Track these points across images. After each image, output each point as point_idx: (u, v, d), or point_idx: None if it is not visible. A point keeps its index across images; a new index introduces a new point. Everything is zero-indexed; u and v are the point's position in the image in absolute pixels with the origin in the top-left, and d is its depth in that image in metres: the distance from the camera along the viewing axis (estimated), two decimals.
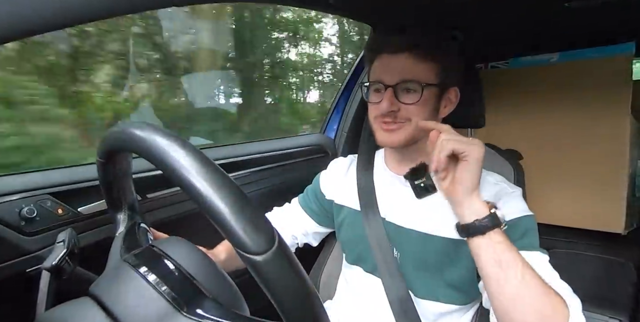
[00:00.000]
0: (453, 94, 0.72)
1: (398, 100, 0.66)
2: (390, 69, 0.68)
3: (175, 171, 0.32)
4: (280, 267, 0.30)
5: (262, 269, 0.30)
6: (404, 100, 0.66)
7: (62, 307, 0.41)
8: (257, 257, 0.30)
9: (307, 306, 0.31)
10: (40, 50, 1.53)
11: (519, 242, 0.61)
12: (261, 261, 0.30)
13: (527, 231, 0.63)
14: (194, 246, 0.46)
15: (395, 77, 0.67)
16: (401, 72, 0.67)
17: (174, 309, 0.38)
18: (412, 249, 0.71)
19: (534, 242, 0.62)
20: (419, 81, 0.66)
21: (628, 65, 1.07)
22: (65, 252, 0.50)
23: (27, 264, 0.66)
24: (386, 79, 0.68)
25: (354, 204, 0.79)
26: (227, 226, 0.30)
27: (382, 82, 0.68)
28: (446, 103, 0.72)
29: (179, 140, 0.34)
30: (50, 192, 0.70)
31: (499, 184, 0.69)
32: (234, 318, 0.38)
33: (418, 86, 0.66)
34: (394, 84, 0.67)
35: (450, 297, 0.70)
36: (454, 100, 0.73)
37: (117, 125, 0.43)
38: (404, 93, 0.67)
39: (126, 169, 0.51)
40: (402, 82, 0.66)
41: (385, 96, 0.67)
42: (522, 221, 0.63)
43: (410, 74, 0.66)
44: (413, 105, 0.66)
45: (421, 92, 0.66)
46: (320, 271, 0.97)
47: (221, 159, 1.00)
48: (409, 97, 0.67)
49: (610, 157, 1.10)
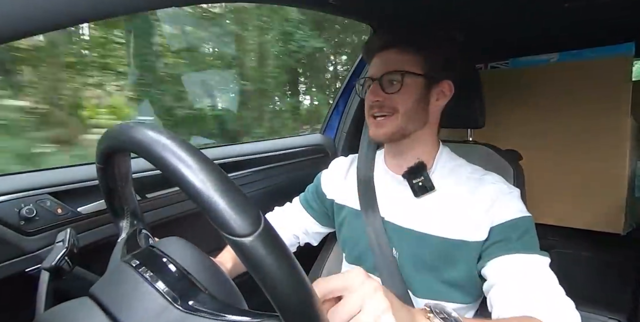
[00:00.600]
0: (446, 88, 0.73)
1: (383, 91, 0.69)
2: (376, 65, 0.72)
3: (160, 159, 0.32)
4: (266, 249, 0.30)
5: (248, 251, 0.29)
6: (388, 91, 0.69)
7: (61, 307, 0.41)
8: (242, 239, 0.29)
9: (295, 287, 0.30)
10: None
11: (516, 244, 0.61)
12: (247, 243, 0.29)
13: (525, 232, 0.63)
14: (191, 244, 0.46)
15: (380, 71, 0.70)
16: (386, 65, 0.70)
17: (168, 303, 0.38)
18: (410, 248, 0.71)
19: (532, 244, 0.62)
20: (399, 71, 0.69)
21: (628, 66, 1.07)
22: (64, 252, 0.50)
23: (26, 263, 0.66)
24: (373, 73, 0.72)
25: (354, 203, 0.79)
26: (211, 208, 0.30)
27: (370, 77, 0.72)
28: (438, 96, 0.73)
29: (166, 132, 0.35)
30: (50, 191, 0.70)
31: (496, 184, 0.69)
32: (226, 310, 0.38)
33: (399, 76, 0.69)
34: (379, 76, 0.70)
35: (450, 297, 0.69)
36: (447, 93, 0.73)
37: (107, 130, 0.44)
38: (389, 85, 0.70)
39: (126, 174, 0.51)
40: (386, 74, 0.70)
41: (372, 89, 0.71)
42: (520, 221, 0.63)
43: (393, 65, 0.70)
44: (396, 94, 0.69)
45: (402, 80, 0.69)
46: (320, 271, 0.97)
47: (221, 159, 1.00)
48: (391, 87, 0.70)
49: (609, 157, 1.10)
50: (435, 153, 0.75)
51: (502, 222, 0.63)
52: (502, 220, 0.63)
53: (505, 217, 0.64)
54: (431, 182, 0.70)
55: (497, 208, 0.64)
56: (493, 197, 0.66)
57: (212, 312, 0.38)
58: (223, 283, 0.44)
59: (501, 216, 0.64)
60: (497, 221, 0.64)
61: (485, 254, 0.63)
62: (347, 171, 0.85)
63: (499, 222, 0.64)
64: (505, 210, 0.64)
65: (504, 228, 0.63)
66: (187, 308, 0.38)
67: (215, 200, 0.30)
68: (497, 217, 0.64)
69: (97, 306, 0.39)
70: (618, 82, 1.08)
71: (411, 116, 0.70)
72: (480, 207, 0.66)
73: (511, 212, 0.64)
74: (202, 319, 0.37)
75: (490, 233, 0.64)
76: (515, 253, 0.60)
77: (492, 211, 0.64)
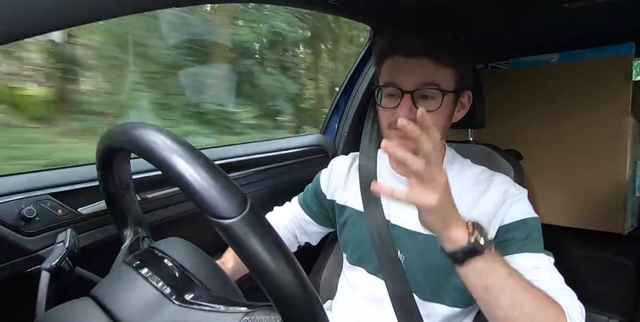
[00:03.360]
0: (466, 98, 0.71)
1: (416, 107, 0.61)
2: (406, 72, 0.63)
3: (148, 149, 0.33)
4: (252, 230, 0.30)
5: (233, 233, 0.29)
6: (425, 108, 0.62)
7: (62, 308, 0.41)
8: (227, 221, 0.29)
9: (282, 267, 0.30)
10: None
11: (523, 244, 0.61)
12: (232, 225, 0.29)
13: (532, 232, 0.62)
14: (189, 242, 0.47)
15: (414, 83, 0.62)
16: (421, 77, 0.62)
17: (164, 298, 0.39)
18: (418, 251, 0.70)
19: (539, 243, 0.62)
20: (439, 87, 0.62)
21: (628, 66, 1.07)
22: (65, 253, 0.50)
23: (27, 264, 0.66)
24: (403, 83, 0.63)
25: (356, 204, 0.78)
26: (196, 192, 0.30)
27: (398, 86, 0.64)
28: (459, 107, 0.71)
29: (155, 126, 0.37)
30: (50, 192, 0.70)
31: (506, 185, 0.68)
32: (221, 302, 0.39)
33: (438, 93, 0.62)
34: (413, 89, 0.62)
35: (456, 300, 0.69)
36: (466, 104, 0.72)
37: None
38: (422, 100, 0.63)
39: (127, 181, 0.51)
40: (421, 89, 0.62)
41: (403, 103, 0.62)
42: (527, 222, 0.63)
43: (430, 79, 0.62)
44: (432, 113, 0.61)
45: (442, 99, 0.62)
46: (320, 271, 0.97)
47: (221, 159, 1.00)
48: (428, 104, 0.62)
49: (610, 157, 1.10)
50: (443, 156, 0.74)
51: (510, 222, 0.63)
52: (511, 220, 0.63)
53: (513, 218, 0.63)
54: None
55: (505, 209, 0.64)
56: (502, 198, 0.65)
57: (207, 304, 0.38)
58: (220, 278, 0.44)
59: (510, 216, 0.64)
60: (506, 221, 0.63)
61: None
62: (349, 171, 0.84)
63: (507, 222, 0.63)
64: (514, 211, 0.64)
65: (511, 228, 0.63)
66: (183, 302, 0.39)
67: (200, 184, 0.30)
68: (505, 217, 0.64)
69: (98, 306, 0.40)
70: (618, 82, 1.07)
71: (441, 134, 0.66)
72: (489, 208, 0.65)
73: (519, 213, 0.64)
74: (197, 312, 0.38)
75: (497, 233, 0.63)
76: (522, 252, 0.60)
77: (501, 211, 0.64)
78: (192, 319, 0.37)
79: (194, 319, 0.37)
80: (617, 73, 1.07)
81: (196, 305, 0.38)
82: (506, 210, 0.64)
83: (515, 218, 0.63)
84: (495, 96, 1.18)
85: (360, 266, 0.78)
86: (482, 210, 0.66)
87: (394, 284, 0.70)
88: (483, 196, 0.67)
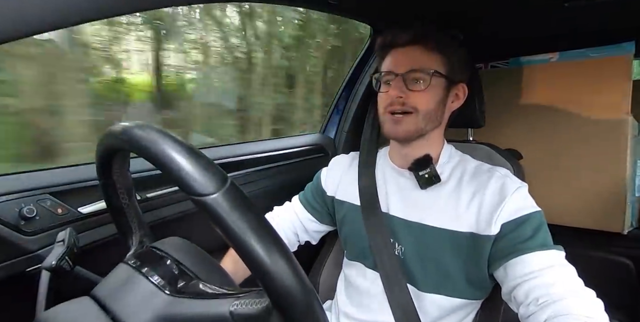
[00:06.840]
0: (461, 91, 0.74)
1: (407, 88, 0.68)
2: (400, 60, 0.71)
3: (132, 139, 0.34)
4: (232, 205, 0.30)
5: (213, 208, 0.29)
6: (412, 88, 0.68)
7: (62, 307, 0.41)
8: (206, 197, 0.30)
9: (264, 240, 0.30)
10: None
11: (532, 242, 0.60)
12: (211, 201, 0.29)
13: (539, 227, 0.62)
14: (189, 242, 0.47)
15: (405, 67, 0.69)
16: (411, 62, 0.69)
17: (157, 289, 0.40)
18: (416, 242, 0.71)
19: (548, 239, 0.62)
20: (427, 70, 0.68)
21: (628, 65, 1.07)
22: (64, 252, 0.50)
23: (26, 263, 0.66)
24: (395, 69, 0.70)
25: (355, 200, 0.79)
26: (176, 170, 0.30)
27: (392, 71, 0.71)
28: (453, 98, 0.74)
29: (142, 122, 0.37)
30: (50, 191, 0.70)
31: (506, 178, 0.68)
32: (213, 290, 0.39)
33: (426, 75, 0.68)
34: (404, 72, 0.69)
35: (454, 291, 0.69)
36: (461, 96, 0.75)
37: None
38: (413, 82, 0.69)
39: (128, 187, 0.51)
40: (411, 71, 0.69)
41: (395, 83, 0.69)
42: (532, 216, 0.63)
43: (419, 63, 0.69)
44: (420, 93, 0.68)
45: (429, 80, 0.68)
46: (320, 271, 0.98)
47: (221, 159, 1.00)
48: (417, 85, 0.69)
49: (610, 157, 1.10)
50: (441, 149, 0.76)
51: (515, 217, 0.63)
52: (515, 215, 0.63)
53: (518, 213, 0.63)
54: (437, 173, 0.70)
55: (508, 203, 0.64)
56: (504, 192, 0.65)
57: (199, 293, 0.39)
58: (216, 272, 0.45)
59: (513, 211, 0.63)
60: (510, 216, 0.63)
61: (501, 253, 0.62)
62: (348, 168, 0.85)
63: (512, 217, 0.63)
64: (517, 205, 0.64)
65: (517, 224, 0.62)
66: (175, 292, 0.39)
67: (179, 163, 0.31)
68: (509, 212, 0.63)
69: (97, 306, 0.40)
70: (618, 82, 1.07)
71: (431, 117, 0.70)
72: (491, 201, 0.65)
73: (523, 208, 0.63)
74: (189, 300, 0.38)
75: (502, 228, 0.63)
76: (533, 252, 0.59)
77: (503, 205, 0.64)
78: (184, 306, 0.38)
79: (186, 306, 0.38)
80: (617, 73, 1.07)
81: (187, 294, 0.39)
82: (509, 204, 0.64)
83: (520, 213, 0.63)
84: (496, 96, 1.18)
85: (359, 261, 0.79)
86: (483, 202, 0.66)
87: (390, 278, 0.71)
88: (483, 187, 0.67)
